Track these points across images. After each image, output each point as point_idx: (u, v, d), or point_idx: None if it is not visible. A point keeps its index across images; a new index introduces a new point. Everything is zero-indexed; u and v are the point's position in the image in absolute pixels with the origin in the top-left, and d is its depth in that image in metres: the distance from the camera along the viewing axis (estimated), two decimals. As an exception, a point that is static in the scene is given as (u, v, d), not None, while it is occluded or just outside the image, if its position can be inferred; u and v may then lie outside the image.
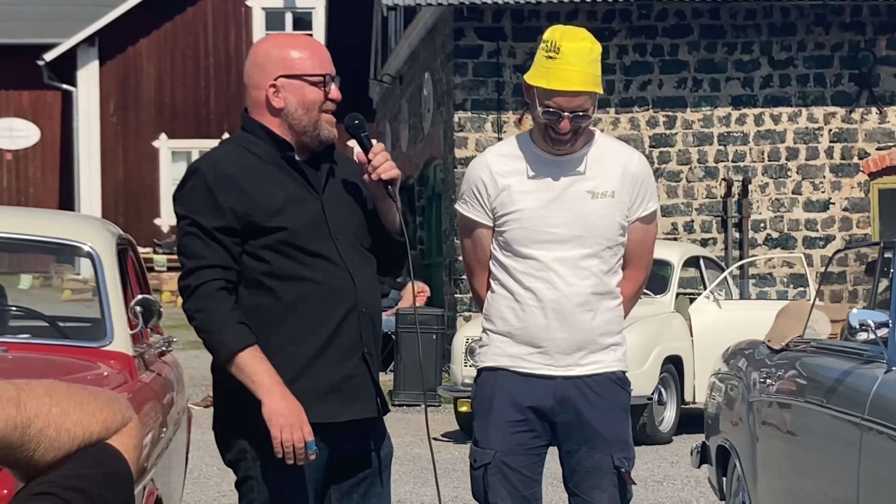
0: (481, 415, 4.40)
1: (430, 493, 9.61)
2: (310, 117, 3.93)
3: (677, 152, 17.01)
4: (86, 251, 5.61)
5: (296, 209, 3.88)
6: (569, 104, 4.21)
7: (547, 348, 4.31)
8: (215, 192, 3.84)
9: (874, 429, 4.76)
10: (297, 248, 3.86)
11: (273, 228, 3.85)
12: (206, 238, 3.83)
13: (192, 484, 9.03)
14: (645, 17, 16.99)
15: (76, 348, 5.42)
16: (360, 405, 3.92)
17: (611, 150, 4.38)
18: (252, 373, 3.76)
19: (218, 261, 3.82)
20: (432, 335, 14.98)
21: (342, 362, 3.89)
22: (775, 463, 5.90)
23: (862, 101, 17.24)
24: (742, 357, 6.68)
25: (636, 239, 4.39)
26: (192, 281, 3.83)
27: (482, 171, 4.39)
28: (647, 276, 4.53)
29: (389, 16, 21.37)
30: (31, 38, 30.22)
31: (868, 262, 14.56)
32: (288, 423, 3.73)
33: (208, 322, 3.80)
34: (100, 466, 1.77)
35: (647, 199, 4.38)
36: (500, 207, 4.33)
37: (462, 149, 16.85)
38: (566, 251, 4.28)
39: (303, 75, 3.93)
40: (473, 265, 4.49)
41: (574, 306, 4.29)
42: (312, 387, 3.85)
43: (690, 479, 9.95)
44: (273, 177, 3.91)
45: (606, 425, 4.32)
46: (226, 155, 3.95)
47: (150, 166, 30.74)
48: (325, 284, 3.87)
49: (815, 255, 17.11)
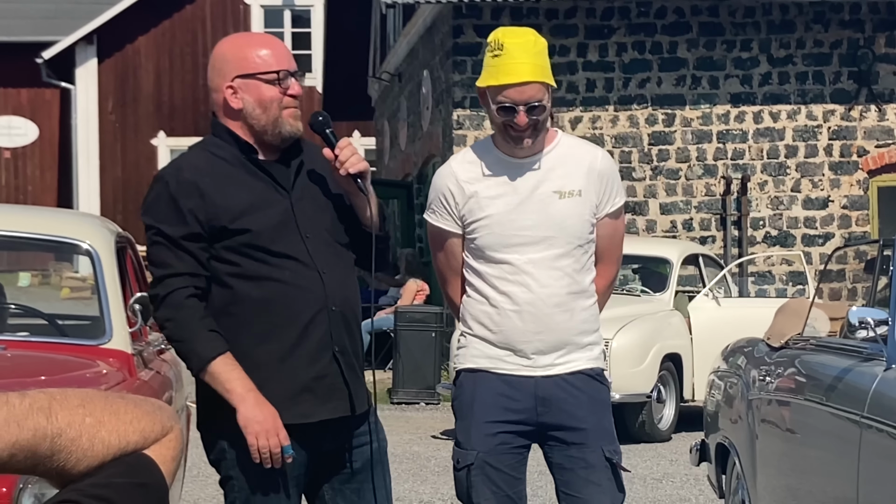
0: (462, 416, 4.41)
1: (428, 490, 9.61)
2: (268, 115, 3.92)
3: (676, 150, 17.00)
4: (84, 249, 5.61)
5: (261, 210, 3.88)
6: (520, 96, 4.23)
7: (525, 350, 4.32)
8: (178, 199, 3.85)
9: (873, 426, 4.76)
10: (262, 250, 3.86)
11: (236, 231, 3.85)
12: (172, 247, 3.85)
13: (190, 482, 9.03)
14: (644, 15, 16.98)
15: (75, 346, 5.42)
16: (334, 405, 3.91)
17: (574, 149, 4.41)
18: (225, 381, 3.79)
19: (185, 268, 3.84)
20: (431, 333, 14.97)
21: (313, 362, 3.89)
22: (774, 461, 5.90)
23: (861, 99, 17.24)
24: (741, 355, 6.68)
25: (605, 234, 4.42)
26: (160, 290, 3.85)
27: (448, 179, 4.39)
28: (618, 271, 4.57)
29: (388, 13, 21.35)
30: (29, 36, 30.20)
31: (867, 260, 14.56)
32: (263, 430, 3.77)
33: (179, 331, 3.82)
34: (131, 476, 1.74)
35: (614, 195, 4.41)
36: (469, 214, 4.34)
37: (461, 147, 16.84)
38: (538, 252, 4.30)
39: (256, 74, 3.91)
40: (446, 273, 4.49)
41: (550, 307, 4.30)
42: (284, 388, 3.86)
43: (689, 477, 9.95)
44: (238, 179, 3.91)
45: (592, 420, 4.33)
46: (190, 161, 3.96)
47: (148, 164, 30.72)
48: (292, 284, 3.87)
49: (814, 252, 17.10)
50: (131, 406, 1.79)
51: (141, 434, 1.77)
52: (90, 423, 1.74)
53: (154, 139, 30.80)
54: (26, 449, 1.71)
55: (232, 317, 3.86)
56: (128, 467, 1.75)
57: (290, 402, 3.85)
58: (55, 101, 31.24)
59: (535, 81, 4.24)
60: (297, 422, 3.86)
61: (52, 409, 1.72)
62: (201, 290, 3.85)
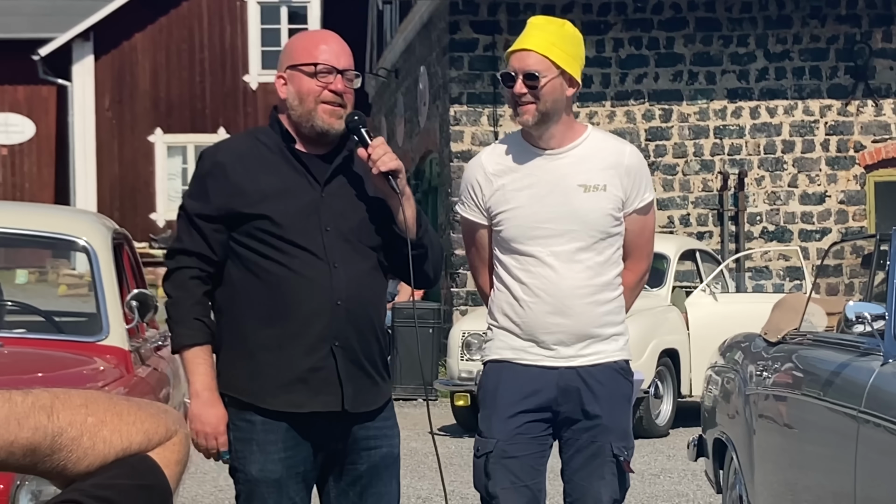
0: (485, 406, 4.44)
1: (426, 487, 9.62)
2: (304, 107, 3.94)
3: (673, 145, 17.00)
4: (81, 246, 5.61)
5: (284, 198, 3.92)
6: (520, 64, 4.31)
7: (547, 341, 4.35)
8: (206, 179, 3.96)
9: (871, 421, 4.76)
10: (276, 237, 3.90)
11: (254, 216, 3.90)
12: (189, 224, 3.96)
13: (189, 479, 9.03)
14: (640, 10, 16.98)
15: (72, 343, 5.42)
16: (325, 398, 3.92)
17: (603, 143, 4.43)
18: (190, 372, 3.95)
19: (195, 247, 3.94)
20: (429, 329, 14.98)
21: (309, 353, 3.91)
22: (772, 456, 5.90)
23: (858, 94, 17.24)
24: (738, 350, 6.68)
25: (634, 230, 4.43)
26: (170, 264, 4.01)
27: (477, 171, 4.45)
28: (648, 266, 4.58)
29: (385, 10, 21.35)
30: (25, 33, 30.17)
31: (864, 255, 14.55)
32: (203, 431, 3.90)
33: (173, 309, 3.97)
34: (135, 478, 1.73)
35: (643, 191, 4.42)
36: (495, 206, 4.39)
37: (458, 143, 16.84)
38: (560, 245, 4.32)
39: (299, 65, 3.94)
40: (476, 264, 4.55)
41: (571, 299, 4.33)
42: (278, 374, 3.90)
43: (687, 473, 9.95)
44: (272, 166, 3.96)
45: (608, 414, 4.36)
46: (229, 144, 4.07)
47: (145, 161, 30.71)
48: (298, 273, 3.90)
49: (811, 247, 17.11)
50: (135, 408, 1.78)
51: (145, 435, 1.76)
52: (92, 422, 1.73)
53: (151, 136, 30.78)
54: (25, 447, 1.70)
55: (240, 298, 3.93)
56: (131, 469, 1.74)
57: (282, 390, 3.90)
58: (52, 98, 31.22)
59: (537, 52, 4.30)
60: (287, 410, 3.90)
61: (53, 408, 1.71)
62: (206, 273, 3.95)
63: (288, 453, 3.91)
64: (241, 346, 3.93)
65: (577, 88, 4.42)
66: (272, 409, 3.89)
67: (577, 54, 4.39)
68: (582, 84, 4.50)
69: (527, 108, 4.32)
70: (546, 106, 4.32)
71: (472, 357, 12.41)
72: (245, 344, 3.92)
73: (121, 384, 5.12)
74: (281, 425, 3.90)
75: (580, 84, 4.43)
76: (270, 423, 3.90)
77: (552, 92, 4.32)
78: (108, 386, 5.03)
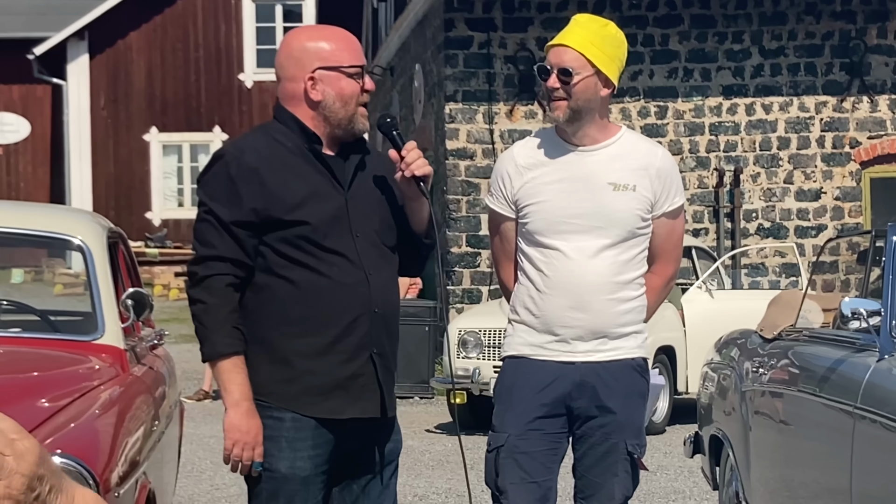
0: (500, 401, 4.46)
1: (422, 485, 9.62)
2: (347, 110, 3.91)
3: (669, 142, 17.01)
4: (76, 245, 5.60)
5: (317, 203, 3.87)
6: (556, 58, 4.33)
7: (564, 335, 4.36)
8: (237, 183, 3.84)
9: (867, 417, 4.76)
10: (314, 244, 3.85)
11: (292, 222, 3.84)
12: (221, 229, 3.84)
13: (185, 478, 9.02)
14: (636, 7, 16.98)
15: (67, 342, 5.41)
16: (363, 404, 3.92)
17: (636, 144, 4.46)
18: (228, 381, 3.84)
19: (230, 253, 3.83)
20: (425, 327, 14.98)
21: (350, 360, 3.89)
22: (768, 452, 5.91)
23: (853, 90, 17.25)
24: (734, 347, 6.68)
25: (663, 234, 4.45)
26: (201, 270, 3.85)
27: (508, 163, 4.47)
28: (676, 270, 4.58)
29: (379, 7, 21.35)
30: (20, 32, 30.16)
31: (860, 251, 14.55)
32: (242, 441, 3.83)
33: (206, 316, 3.84)
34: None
35: (673, 194, 4.44)
36: (524, 199, 4.40)
37: (453, 140, 16.84)
38: (586, 241, 4.34)
39: (340, 67, 3.91)
40: (500, 257, 4.56)
41: (591, 294, 4.34)
42: (319, 382, 3.87)
43: (684, 469, 9.96)
44: (297, 169, 3.89)
45: (623, 411, 4.37)
46: (252, 144, 3.93)
47: (140, 160, 30.71)
48: (339, 281, 3.86)
49: (806, 244, 17.12)
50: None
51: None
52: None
53: (146, 135, 30.78)
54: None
55: (273, 306, 3.86)
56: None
57: (322, 398, 3.87)
58: (47, 98, 31.20)
59: (575, 49, 4.30)
60: (327, 416, 3.87)
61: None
62: (240, 280, 3.86)
63: (317, 451, 3.89)
64: (275, 352, 3.86)
65: (613, 89, 4.42)
66: (313, 417, 3.86)
67: (616, 55, 4.40)
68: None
69: (559, 103, 4.34)
70: (578, 104, 4.33)
71: (469, 355, 12.42)
72: (279, 351, 3.85)
73: (116, 383, 5.11)
74: (310, 422, 3.88)
75: (616, 85, 4.42)
76: (301, 421, 3.87)
77: (585, 90, 4.33)
78: (103, 385, 5.03)
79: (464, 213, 16.84)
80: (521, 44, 16.88)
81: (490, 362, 12.25)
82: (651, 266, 4.48)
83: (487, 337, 12.38)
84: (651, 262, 4.47)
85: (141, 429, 4.92)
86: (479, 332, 12.42)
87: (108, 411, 4.74)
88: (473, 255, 16.82)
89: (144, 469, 4.81)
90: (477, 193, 16.78)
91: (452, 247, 16.77)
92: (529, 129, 16.82)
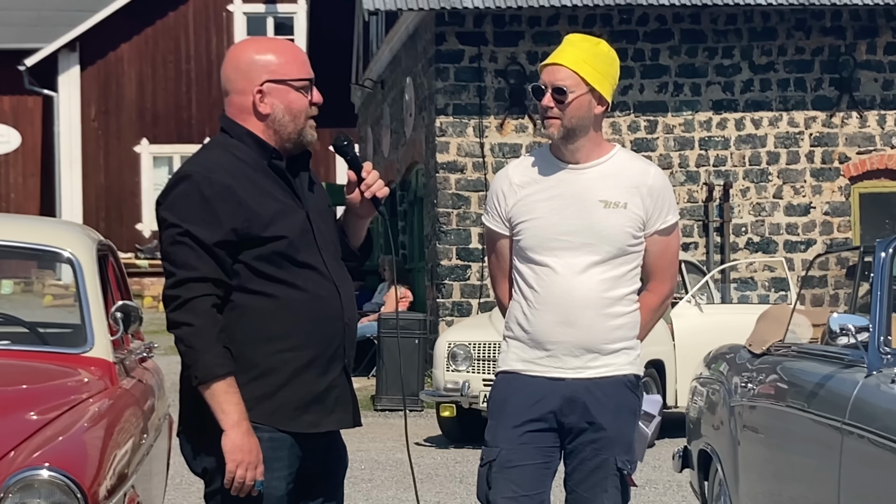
0: (492, 416, 4.49)
1: (411, 498, 9.61)
2: (296, 123, 3.91)
3: (658, 157, 17.03)
4: (66, 257, 5.60)
5: (286, 219, 3.87)
6: (550, 77, 4.37)
7: (555, 351, 4.39)
8: (213, 203, 3.79)
9: (854, 433, 4.77)
10: (289, 259, 3.85)
11: (269, 239, 3.83)
12: (200, 250, 3.79)
13: (173, 490, 9.00)
14: (626, 22, 17.01)
15: (56, 354, 5.41)
16: (338, 416, 3.94)
17: (628, 162, 4.49)
18: (224, 402, 3.78)
19: (210, 274, 3.79)
20: (414, 340, 14.97)
21: (325, 373, 3.90)
22: (757, 467, 5.91)
23: (842, 106, 17.29)
24: (723, 361, 6.69)
25: (656, 251, 4.47)
26: (183, 293, 3.79)
27: (503, 181, 4.52)
28: (671, 288, 4.60)
29: (371, 20, 21.36)
30: (11, 44, 30.13)
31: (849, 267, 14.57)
32: (245, 461, 3.79)
33: (194, 339, 3.78)
34: None
35: (666, 212, 4.47)
36: (517, 216, 4.44)
37: (444, 153, 16.85)
38: (575, 258, 4.37)
39: (288, 80, 3.90)
40: (496, 274, 4.60)
41: (580, 310, 4.37)
42: (297, 397, 3.87)
43: (672, 484, 9.96)
44: (263, 185, 3.88)
45: (613, 426, 4.39)
46: (217, 162, 3.88)
47: (131, 171, 30.68)
48: (314, 295, 3.87)
49: (796, 259, 17.14)
50: None
51: None
52: None
53: (137, 146, 30.75)
54: None
55: (254, 323, 3.84)
56: None
57: (300, 412, 3.86)
58: (37, 109, 31.16)
59: (568, 67, 4.34)
60: (305, 431, 3.87)
61: None
62: (221, 300, 3.82)
63: (290, 470, 3.89)
64: (252, 369, 3.84)
65: (607, 107, 4.45)
66: (290, 432, 3.85)
67: (609, 73, 4.42)
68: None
69: (553, 121, 4.38)
70: (572, 122, 4.37)
71: (458, 368, 12.41)
72: (257, 367, 3.83)
73: (105, 396, 5.11)
74: (287, 441, 3.87)
75: (610, 103, 4.45)
76: (278, 440, 3.86)
77: (579, 108, 4.37)
78: (92, 398, 5.02)
79: (454, 226, 16.84)
80: (512, 58, 16.89)
81: (480, 375, 12.24)
82: (646, 284, 4.51)
83: (477, 350, 12.38)
84: (646, 280, 4.50)
85: (129, 442, 4.91)
86: (469, 345, 12.41)
87: (96, 424, 4.74)
88: (463, 268, 16.82)
89: (133, 482, 4.80)
90: (467, 206, 16.78)
91: (442, 259, 16.77)
92: (519, 142, 16.84)
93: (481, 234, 15.92)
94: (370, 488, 9.88)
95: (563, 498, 4.51)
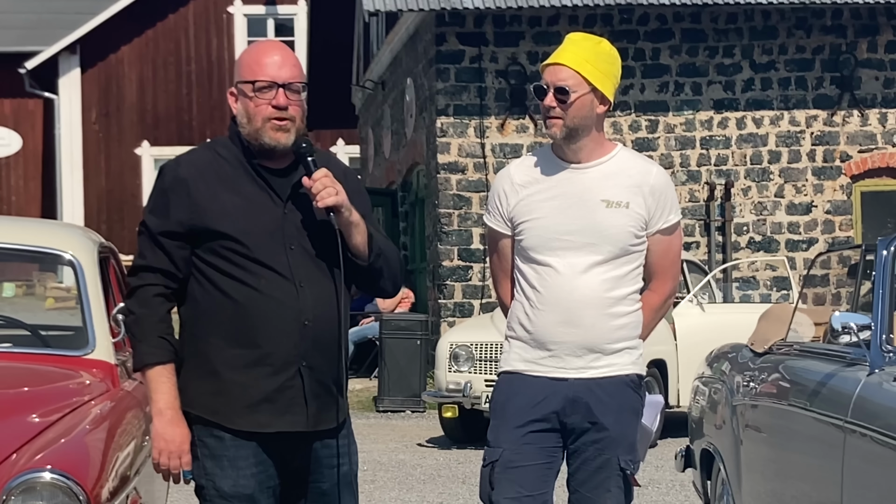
0: (495, 416, 4.48)
1: (414, 498, 9.61)
2: (252, 125, 3.92)
3: (660, 156, 17.03)
4: (67, 260, 5.60)
5: (250, 216, 3.89)
6: (552, 77, 4.36)
7: (556, 351, 4.38)
8: (168, 195, 3.92)
9: (857, 431, 4.77)
10: (244, 256, 3.88)
11: (218, 234, 3.87)
12: (150, 240, 3.93)
13: (176, 492, 9.00)
14: (626, 22, 17.02)
15: (58, 357, 5.41)
16: (291, 418, 3.91)
17: (630, 162, 4.48)
18: (153, 390, 3.91)
19: (158, 264, 3.91)
20: (416, 341, 14.97)
21: (277, 373, 3.89)
22: (759, 466, 5.91)
23: (843, 104, 17.28)
24: (725, 360, 6.69)
25: (659, 251, 4.47)
26: (133, 281, 3.96)
27: (504, 181, 4.51)
28: (674, 288, 4.59)
29: (371, 22, 21.36)
30: (12, 47, 30.13)
31: (850, 265, 14.58)
32: (167, 450, 3.89)
33: (134, 327, 3.94)
34: None
35: (668, 212, 4.46)
36: (519, 216, 4.44)
37: (445, 154, 16.85)
38: (577, 257, 4.37)
39: (247, 81, 3.92)
40: (498, 274, 4.60)
41: (582, 309, 4.36)
42: (244, 395, 3.89)
43: (675, 483, 9.95)
44: (233, 182, 3.92)
45: (616, 426, 4.39)
46: (190, 158, 4.00)
47: (132, 174, 30.68)
48: (265, 294, 3.88)
49: (797, 257, 17.14)
50: None
51: None
52: None
53: (138, 149, 30.75)
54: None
55: (205, 317, 3.90)
56: None
57: (248, 410, 3.89)
58: (38, 112, 31.17)
59: (570, 67, 4.33)
60: (253, 430, 3.89)
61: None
62: (170, 290, 3.92)
63: (259, 468, 3.91)
64: (205, 364, 3.90)
65: (609, 106, 4.45)
66: (239, 430, 3.88)
67: (611, 72, 4.42)
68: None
69: (555, 121, 4.37)
70: (574, 121, 4.37)
71: (460, 368, 12.41)
72: (210, 363, 3.88)
73: (107, 398, 5.11)
74: (250, 442, 3.90)
75: (612, 102, 4.45)
76: (240, 440, 3.90)
77: (581, 108, 4.37)
78: (94, 400, 5.02)
79: (455, 226, 16.84)
80: (513, 58, 16.90)
81: (482, 376, 12.24)
82: (648, 283, 4.50)
83: (479, 350, 12.37)
84: (648, 280, 4.50)
85: (132, 444, 4.91)
86: (471, 346, 12.41)
87: (98, 426, 4.74)
88: (465, 269, 16.82)
89: (135, 484, 4.80)
90: (468, 207, 16.79)
91: (444, 260, 16.77)
92: (520, 143, 16.84)
93: (483, 234, 15.93)
94: (372, 489, 9.88)
95: (566, 498, 4.51)
